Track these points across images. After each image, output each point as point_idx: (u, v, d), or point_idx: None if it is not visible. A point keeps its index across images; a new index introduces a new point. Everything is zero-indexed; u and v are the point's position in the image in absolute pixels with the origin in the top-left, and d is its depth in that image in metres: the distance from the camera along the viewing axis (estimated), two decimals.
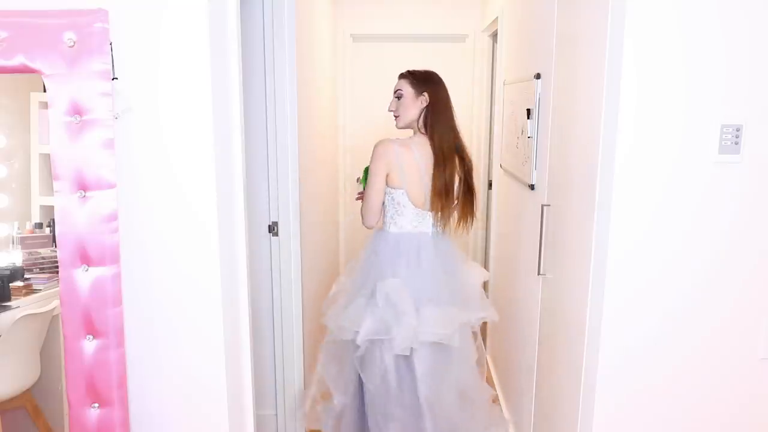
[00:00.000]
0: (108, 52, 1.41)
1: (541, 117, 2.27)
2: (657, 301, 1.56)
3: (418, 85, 2.29)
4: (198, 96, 1.48)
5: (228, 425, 1.61)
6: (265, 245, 2.55)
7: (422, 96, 2.27)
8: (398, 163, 2.21)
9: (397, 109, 2.32)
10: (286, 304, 2.58)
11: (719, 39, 1.44)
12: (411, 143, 2.25)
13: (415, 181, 2.23)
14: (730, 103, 1.46)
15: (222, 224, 1.57)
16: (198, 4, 1.45)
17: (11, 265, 2.35)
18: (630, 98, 1.47)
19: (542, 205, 2.14)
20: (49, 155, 1.44)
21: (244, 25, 2.22)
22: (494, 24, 3.71)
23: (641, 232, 1.53)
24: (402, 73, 2.35)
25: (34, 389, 2.24)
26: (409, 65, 2.41)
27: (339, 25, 4.39)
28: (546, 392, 2.16)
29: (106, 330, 1.47)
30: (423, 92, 2.27)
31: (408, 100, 2.29)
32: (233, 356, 1.67)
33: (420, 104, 2.28)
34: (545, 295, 2.19)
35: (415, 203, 2.26)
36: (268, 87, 2.42)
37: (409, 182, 2.23)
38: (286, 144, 2.46)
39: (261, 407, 2.60)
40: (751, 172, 1.50)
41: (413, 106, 2.28)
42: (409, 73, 2.33)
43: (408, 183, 2.23)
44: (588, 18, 1.72)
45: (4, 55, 1.39)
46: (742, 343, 1.58)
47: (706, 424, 1.62)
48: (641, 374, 1.59)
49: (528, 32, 2.62)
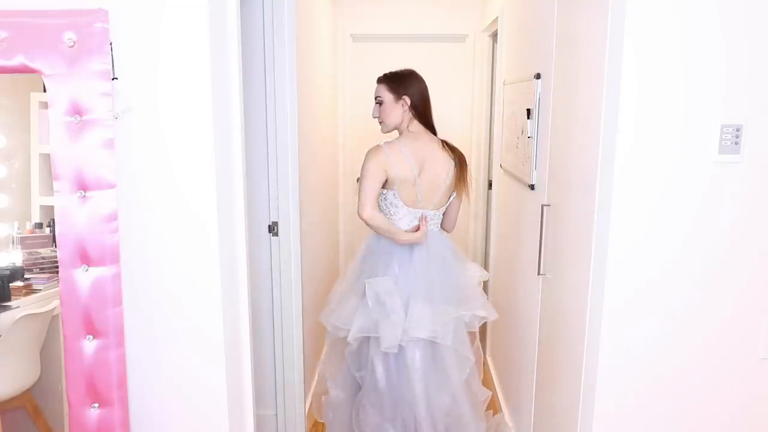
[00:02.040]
0: (108, 52, 1.41)
1: (541, 117, 2.27)
2: (657, 301, 1.56)
3: (396, 89, 2.29)
4: (198, 96, 1.48)
5: (228, 425, 1.61)
6: (265, 245, 2.55)
7: (402, 99, 2.28)
8: (390, 164, 2.22)
9: (380, 115, 2.32)
10: (286, 304, 2.58)
11: (719, 39, 1.44)
12: (399, 144, 2.26)
13: (408, 180, 2.24)
14: (730, 103, 1.46)
15: (222, 224, 1.57)
16: (198, 4, 1.45)
17: (11, 265, 2.35)
18: (630, 98, 1.47)
19: (542, 205, 2.14)
20: (49, 155, 1.44)
21: (244, 25, 2.22)
22: (494, 24, 3.71)
23: (641, 232, 1.53)
24: (379, 78, 2.35)
25: (34, 389, 2.24)
26: (409, 65, 2.41)
27: (339, 25, 4.38)
28: (546, 392, 2.16)
29: (106, 330, 1.47)
30: (402, 95, 2.28)
31: (388, 106, 2.29)
32: (233, 356, 1.67)
33: (401, 107, 2.29)
34: (545, 295, 2.19)
35: (406, 202, 2.27)
36: (268, 87, 2.42)
37: (400, 182, 2.24)
38: (286, 144, 2.46)
39: (261, 407, 2.60)
40: (751, 172, 1.50)
41: (395, 110, 2.29)
42: (386, 78, 2.32)
43: (399, 183, 2.24)
44: (588, 18, 1.72)
45: (4, 55, 1.39)
46: (742, 343, 1.58)
47: (706, 424, 1.62)
48: (641, 374, 1.59)
49: (528, 32, 2.62)
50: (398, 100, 2.28)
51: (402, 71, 2.33)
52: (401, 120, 2.30)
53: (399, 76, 2.31)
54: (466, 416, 2.32)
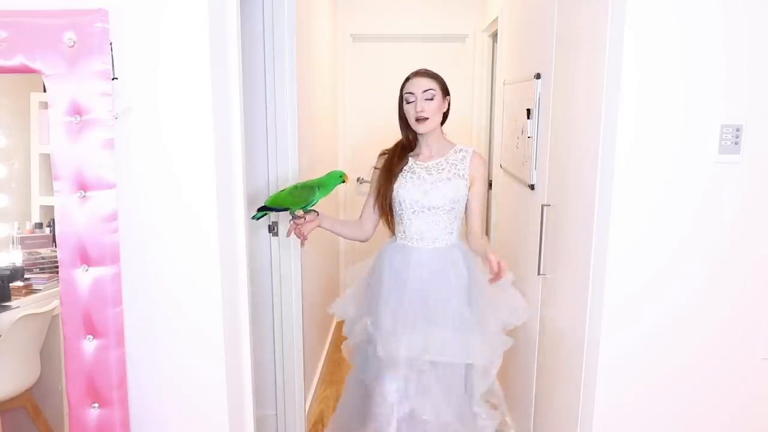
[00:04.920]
0: (108, 52, 1.41)
1: (541, 117, 2.27)
2: (657, 301, 1.56)
3: (444, 87, 2.13)
4: (198, 96, 1.48)
5: (228, 425, 1.61)
6: (265, 245, 2.55)
7: (447, 98, 2.15)
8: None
9: (427, 111, 2.08)
10: (286, 304, 2.58)
11: (719, 39, 1.44)
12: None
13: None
14: (730, 103, 1.47)
15: (222, 224, 1.57)
16: (198, 4, 1.45)
17: (11, 265, 2.34)
18: (630, 98, 1.47)
19: (542, 205, 2.14)
20: (49, 155, 1.44)
21: (244, 25, 2.22)
22: (494, 24, 3.71)
23: (641, 232, 1.53)
24: (427, 72, 2.12)
25: (34, 389, 2.24)
26: (409, 65, 2.39)
27: (339, 25, 4.39)
28: (546, 392, 2.16)
29: (106, 330, 1.47)
30: (447, 95, 2.14)
31: (438, 103, 2.09)
32: (233, 356, 1.67)
33: (444, 108, 2.15)
34: (545, 295, 2.19)
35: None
36: (268, 87, 2.42)
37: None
38: (286, 144, 2.46)
39: (261, 407, 2.60)
40: (751, 172, 1.50)
41: (440, 109, 2.12)
42: (433, 74, 2.13)
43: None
44: (588, 18, 1.72)
45: (4, 55, 1.39)
46: (742, 343, 1.58)
47: (706, 424, 1.62)
48: (641, 374, 1.59)
49: (528, 32, 2.62)
50: (445, 98, 2.13)
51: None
52: (439, 121, 2.16)
53: (442, 78, 2.14)
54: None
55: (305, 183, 2.10)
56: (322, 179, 2.11)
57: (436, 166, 2.15)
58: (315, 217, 2.15)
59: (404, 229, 2.16)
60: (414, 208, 2.12)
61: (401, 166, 2.17)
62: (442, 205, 2.11)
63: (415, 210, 2.12)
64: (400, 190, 2.13)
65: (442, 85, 2.13)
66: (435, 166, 2.16)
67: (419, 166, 2.17)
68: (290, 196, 2.07)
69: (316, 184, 2.08)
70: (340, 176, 2.13)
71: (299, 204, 2.07)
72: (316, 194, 2.07)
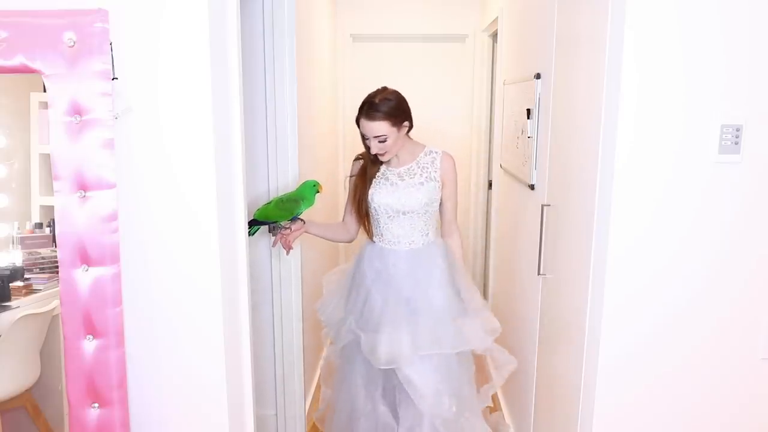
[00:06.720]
0: (108, 52, 1.41)
1: (541, 117, 2.27)
2: (657, 301, 1.56)
3: (396, 120, 2.07)
4: (198, 96, 1.48)
5: (228, 425, 1.61)
6: (265, 245, 2.55)
7: (403, 125, 2.12)
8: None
9: (383, 149, 2.10)
10: (286, 304, 2.58)
11: (719, 39, 1.44)
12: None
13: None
14: (730, 103, 1.47)
15: (222, 224, 1.57)
16: (198, 4, 1.45)
17: (11, 265, 2.34)
18: (630, 98, 1.47)
19: (542, 205, 2.14)
20: (49, 155, 1.44)
21: (244, 25, 2.22)
22: (494, 24, 3.71)
23: (641, 232, 1.53)
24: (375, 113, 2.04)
25: (34, 389, 2.24)
26: (409, 65, 2.39)
27: (339, 25, 4.39)
28: (546, 392, 2.16)
29: (106, 330, 1.47)
30: (403, 122, 2.11)
31: (393, 139, 2.09)
32: (233, 356, 1.67)
33: (403, 132, 2.14)
34: (545, 295, 2.19)
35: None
36: (268, 87, 2.42)
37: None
38: (285, 144, 2.46)
39: (261, 407, 2.60)
40: (751, 172, 1.50)
41: (398, 140, 2.12)
42: (383, 114, 2.04)
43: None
44: (588, 18, 1.72)
45: (4, 55, 1.39)
46: (742, 343, 1.58)
47: (706, 423, 1.62)
48: (641, 374, 1.59)
49: (528, 32, 2.62)
50: (400, 129, 2.11)
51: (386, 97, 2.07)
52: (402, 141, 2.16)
53: (393, 107, 2.06)
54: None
55: (289, 195, 2.21)
56: (301, 191, 2.22)
57: (408, 172, 2.20)
58: (301, 225, 2.25)
59: (381, 232, 2.23)
60: (389, 213, 2.19)
61: (374, 172, 2.23)
62: (417, 209, 2.17)
63: (390, 215, 2.19)
64: (375, 196, 2.19)
65: (395, 118, 2.07)
66: (407, 172, 2.20)
67: (391, 172, 2.22)
68: (277, 209, 2.18)
69: (298, 196, 2.20)
70: (314, 185, 2.25)
71: (286, 216, 2.20)
72: (301, 206, 2.20)
